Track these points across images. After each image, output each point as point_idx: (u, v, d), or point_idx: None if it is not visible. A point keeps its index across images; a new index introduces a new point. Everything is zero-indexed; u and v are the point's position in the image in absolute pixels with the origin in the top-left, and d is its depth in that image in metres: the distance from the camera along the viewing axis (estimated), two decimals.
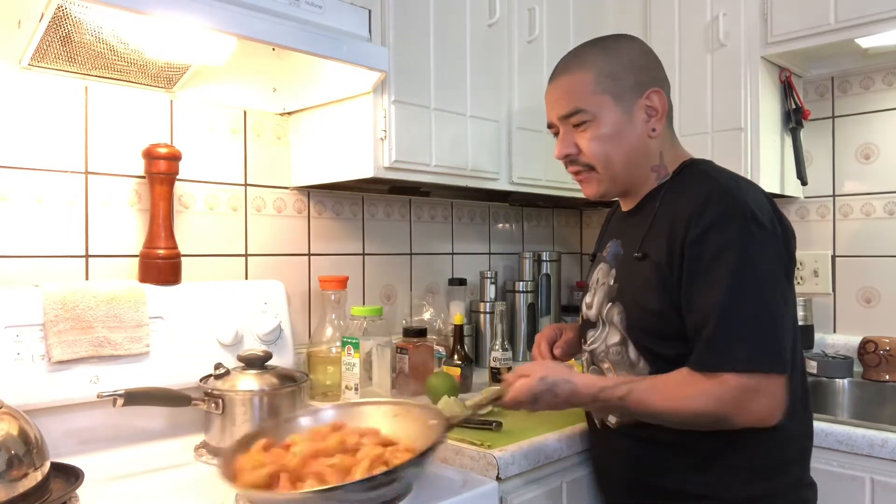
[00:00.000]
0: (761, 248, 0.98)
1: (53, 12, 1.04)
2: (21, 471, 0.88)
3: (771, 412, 0.96)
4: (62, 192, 1.31)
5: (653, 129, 1.11)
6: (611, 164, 1.11)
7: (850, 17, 1.68)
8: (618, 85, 1.09)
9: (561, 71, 1.16)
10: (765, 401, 0.95)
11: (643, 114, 1.10)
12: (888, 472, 1.31)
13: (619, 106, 1.09)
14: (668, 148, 1.15)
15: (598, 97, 1.09)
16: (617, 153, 1.10)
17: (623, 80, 1.10)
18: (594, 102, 1.09)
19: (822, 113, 2.07)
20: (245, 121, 1.58)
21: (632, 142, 1.10)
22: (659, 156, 1.13)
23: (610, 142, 1.10)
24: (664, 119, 1.12)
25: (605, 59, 1.11)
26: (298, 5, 1.20)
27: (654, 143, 1.12)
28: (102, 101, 1.36)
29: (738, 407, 0.95)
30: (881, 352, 1.81)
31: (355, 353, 1.46)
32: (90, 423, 1.22)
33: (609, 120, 1.09)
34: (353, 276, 1.75)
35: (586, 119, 1.10)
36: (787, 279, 1.03)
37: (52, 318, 1.16)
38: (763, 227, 0.99)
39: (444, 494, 1.01)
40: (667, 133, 1.15)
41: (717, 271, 0.98)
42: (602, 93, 1.09)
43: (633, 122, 1.10)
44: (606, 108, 1.09)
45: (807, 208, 2.10)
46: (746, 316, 0.96)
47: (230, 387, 1.20)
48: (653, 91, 1.10)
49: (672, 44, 1.99)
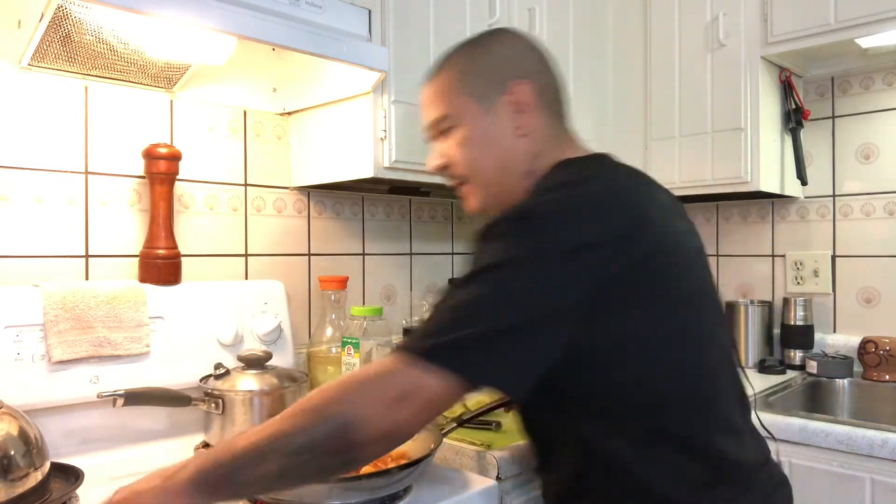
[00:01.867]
0: (519, 249, 0.76)
1: (53, 12, 1.04)
2: (21, 471, 0.88)
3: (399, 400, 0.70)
4: (62, 192, 1.31)
5: (519, 127, 0.94)
6: (479, 172, 0.98)
7: (850, 17, 1.68)
8: (479, 83, 0.96)
9: (426, 76, 1.05)
10: (396, 385, 0.71)
11: (509, 111, 0.95)
12: (888, 472, 1.31)
13: (482, 105, 0.96)
14: (551, 147, 0.96)
15: (460, 99, 0.97)
16: (484, 158, 0.96)
17: (485, 77, 0.96)
18: (456, 105, 0.98)
19: (822, 113, 2.07)
20: (245, 121, 1.58)
21: (499, 144, 0.95)
22: (533, 158, 0.95)
23: (475, 146, 0.96)
24: (536, 113, 0.95)
25: (467, 58, 0.99)
26: (298, 5, 1.20)
27: (525, 143, 0.95)
28: (102, 101, 1.35)
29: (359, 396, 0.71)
30: (881, 352, 1.81)
31: (355, 353, 1.46)
32: (90, 423, 1.22)
33: (472, 122, 0.96)
34: (353, 276, 1.75)
35: (451, 125, 0.98)
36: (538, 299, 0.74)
37: (52, 318, 1.16)
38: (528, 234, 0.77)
39: (444, 494, 1.01)
40: (548, 132, 0.97)
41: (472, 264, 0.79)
42: (464, 94, 0.97)
43: (499, 122, 0.95)
44: (469, 110, 0.96)
45: (807, 208, 2.10)
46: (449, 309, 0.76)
47: (230, 387, 1.20)
48: (516, 84, 0.94)
49: (672, 44, 1.99)
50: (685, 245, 0.90)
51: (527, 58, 0.99)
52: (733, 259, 2.24)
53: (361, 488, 0.90)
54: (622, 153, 1.89)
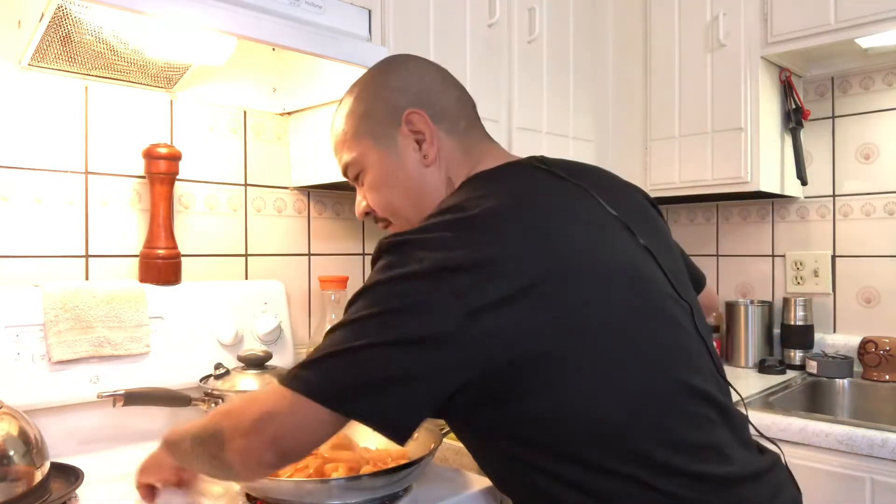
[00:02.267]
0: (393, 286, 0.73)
1: (53, 12, 1.04)
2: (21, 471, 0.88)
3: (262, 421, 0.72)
4: (62, 192, 1.31)
5: (425, 157, 0.91)
6: (397, 212, 0.94)
7: (850, 17, 1.68)
8: (372, 122, 0.93)
9: (330, 128, 1.01)
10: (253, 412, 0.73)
11: (411, 142, 0.91)
12: (888, 472, 1.31)
13: (381, 145, 0.92)
14: (463, 165, 0.92)
15: (359, 143, 0.94)
16: (395, 197, 0.93)
17: (376, 114, 0.93)
18: (357, 151, 0.94)
19: (822, 113, 2.07)
20: (245, 121, 1.58)
21: (407, 180, 0.91)
22: (447, 183, 0.92)
23: (385, 188, 0.93)
24: (438, 137, 0.91)
25: (356, 100, 0.95)
26: (298, 5, 1.20)
27: (433, 171, 0.91)
28: (102, 101, 1.35)
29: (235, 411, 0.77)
30: (881, 352, 1.81)
31: None
32: (90, 423, 1.22)
33: (377, 164, 0.93)
34: (353, 276, 1.75)
35: (358, 170, 0.96)
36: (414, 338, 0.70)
37: (52, 318, 1.16)
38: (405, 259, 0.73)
39: (444, 494, 1.01)
40: (454, 152, 0.93)
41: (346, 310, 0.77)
42: (362, 137, 0.94)
43: (402, 157, 0.91)
44: (370, 152, 0.93)
45: (807, 208, 2.10)
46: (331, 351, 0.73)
47: (230, 387, 1.20)
48: (410, 113, 0.90)
49: (672, 44, 1.99)
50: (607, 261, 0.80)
51: (415, 84, 0.94)
52: (733, 259, 2.25)
53: (361, 487, 0.90)
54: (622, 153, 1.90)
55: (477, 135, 0.97)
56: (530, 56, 1.78)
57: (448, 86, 0.97)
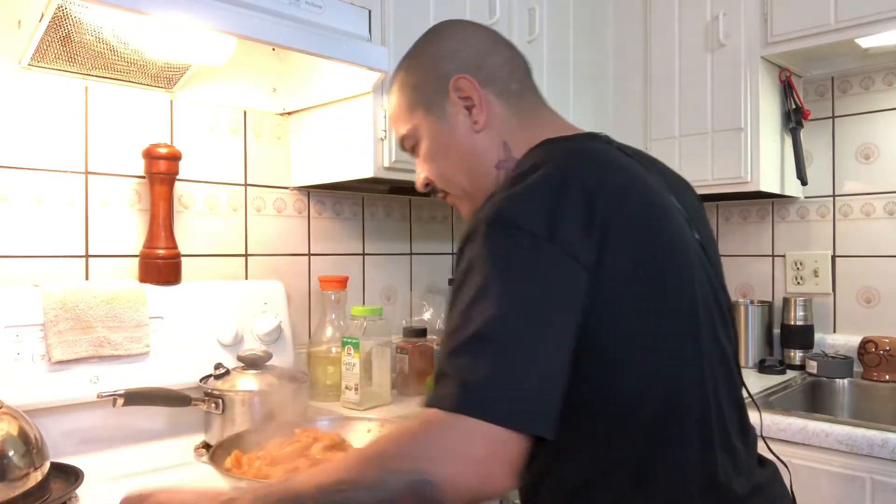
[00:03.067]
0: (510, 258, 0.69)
1: (53, 12, 1.04)
2: (21, 471, 0.88)
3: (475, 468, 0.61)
4: (62, 192, 1.31)
5: (475, 122, 0.89)
6: (451, 181, 0.94)
7: (850, 17, 1.68)
8: (423, 92, 0.92)
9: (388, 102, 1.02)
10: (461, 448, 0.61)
11: (460, 109, 0.89)
12: (888, 472, 1.31)
13: (433, 114, 0.91)
14: (516, 132, 0.90)
15: (411, 115, 0.94)
16: (449, 166, 0.92)
17: (426, 84, 0.92)
18: (411, 123, 0.94)
19: (822, 113, 2.07)
20: (245, 121, 1.58)
21: (460, 147, 0.90)
22: (502, 147, 0.89)
23: (438, 157, 0.93)
24: (489, 102, 0.89)
25: (407, 71, 0.95)
26: (298, 5, 1.20)
27: (485, 136, 0.89)
28: (102, 101, 1.35)
29: (429, 446, 0.62)
30: (881, 352, 1.81)
31: (355, 353, 1.46)
32: (90, 423, 1.22)
33: (430, 134, 0.92)
34: (353, 276, 1.75)
35: (414, 142, 0.95)
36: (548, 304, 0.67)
37: (52, 318, 1.16)
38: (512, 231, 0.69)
39: None
40: (509, 115, 0.90)
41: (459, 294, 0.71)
42: (413, 109, 0.93)
43: (452, 125, 0.90)
44: (423, 122, 0.92)
45: (807, 208, 2.10)
46: (469, 344, 0.65)
47: (230, 387, 1.20)
48: (457, 79, 0.88)
49: (672, 44, 1.99)
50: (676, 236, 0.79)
51: (462, 48, 0.92)
52: (733, 259, 2.24)
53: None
54: None
55: (532, 100, 0.94)
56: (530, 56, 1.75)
57: (498, 46, 0.94)
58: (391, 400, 1.53)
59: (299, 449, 0.99)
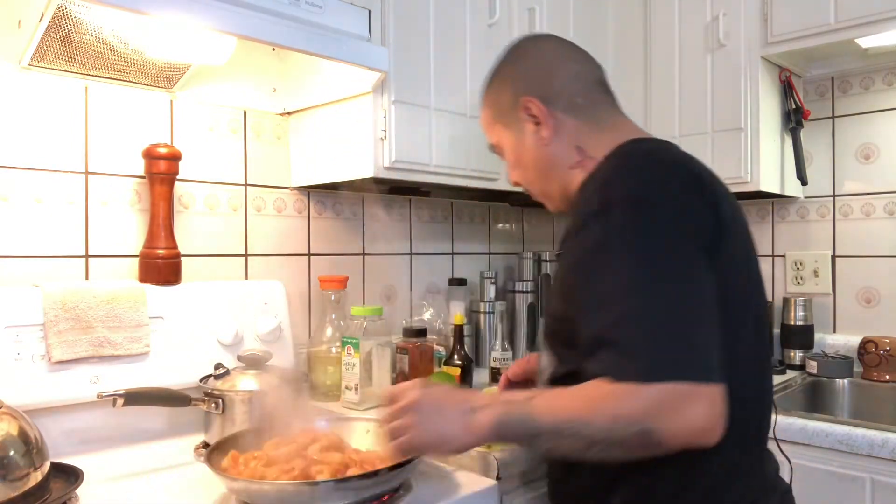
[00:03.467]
0: (654, 234, 0.80)
1: (53, 12, 1.04)
2: (21, 471, 0.88)
3: (709, 422, 0.75)
4: (62, 192, 1.31)
5: (542, 138, 1.01)
6: (532, 185, 1.08)
7: (850, 17, 1.68)
8: (501, 111, 1.07)
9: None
10: (701, 408, 0.75)
11: (530, 125, 1.02)
12: (888, 472, 1.31)
13: (509, 129, 1.06)
14: (591, 136, 1.00)
15: (495, 128, 1.09)
16: (528, 174, 1.07)
17: (503, 102, 1.06)
18: (496, 134, 1.10)
19: (822, 113, 2.07)
20: (245, 121, 1.58)
21: (533, 157, 1.04)
22: (576, 151, 1.00)
23: (517, 165, 1.08)
24: (557, 118, 1.00)
25: (489, 90, 1.10)
26: (298, 5, 1.20)
27: (556, 146, 1.01)
28: (102, 101, 1.36)
29: (666, 412, 0.75)
30: (881, 352, 1.81)
31: (355, 353, 1.45)
32: (90, 423, 1.22)
33: (510, 146, 1.07)
34: (353, 276, 1.75)
35: (499, 150, 1.11)
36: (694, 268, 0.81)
37: (52, 318, 1.16)
38: (651, 207, 0.82)
39: (444, 494, 1.01)
40: (581, 124, 1.01)
41: (601, 268, 0.82)
42: (497, 123, 1.08)
43: (525, 138, 1.03)
44: (503, 136, 1.08)
45: (807, 208, 2.10)
46: (657, 316, 0.77)
47: (230, 387, 1.20)
48: (525, 101, 1.01)
49: (672, 44, 1.99)
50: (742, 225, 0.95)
51: (530, 70, 1.04)
52: None
53: (347, 488, 0.90)
54: None
55: (604, 106, 1.05)
56: None
57: (565, 64, 1.04)
58: None
59: (296, 449, 0.99)
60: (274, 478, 0.91)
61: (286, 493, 0.89)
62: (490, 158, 1.67)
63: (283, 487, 0.89)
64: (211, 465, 0.93)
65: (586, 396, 0.80)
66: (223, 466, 0.97)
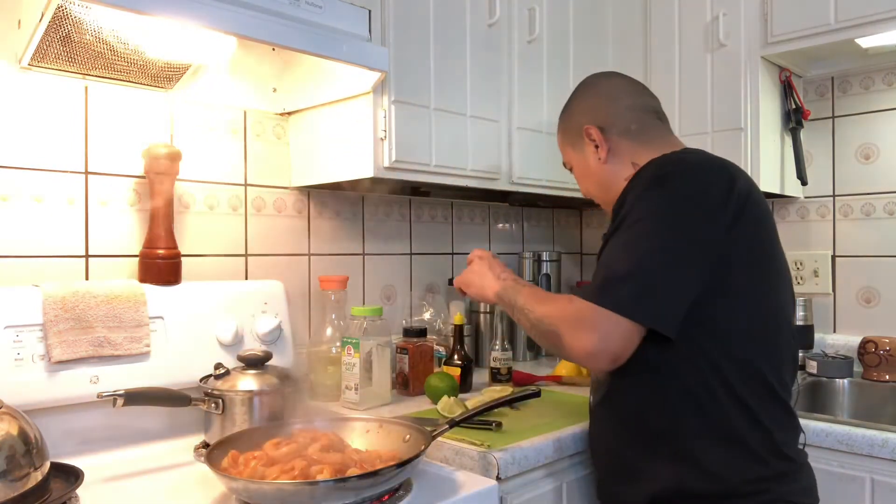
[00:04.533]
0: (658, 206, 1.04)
1: (53, 12, 1.04)
2: (21, 471, 0.88)
3: (596, 346, 0.99)
4: (62, 192, 1.31)
5: (600, 158, 1.25)
6: (596, 195, 1.33)
7: (850, 17, 1.68)
8: (570, 136, 1.32)
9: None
10: (590, 333, 1.00)
11: (591, 148, 1.26)
12: (888, 472, 1.31)
13: (576, 150, 1.31)
14: (643, 153, 1.21)
15: (565, 150, 1.36)
16: (592, 187, 1.32)
17: (571, 129, 1.31)
18: (566, 155, 1.36)
19: (822, 113, 2.07)
20: (245, 121, 1.58)
21: (595, 174, 1.28)
22: (630, 166, 1.22)
23: (584, 180, 1.33)
24: (612, 141, 1.24)
25: (563, 117, 1.36)
26: (298, 5, 1.20)
27: (614, 164, 1.25)
28: (102, 101, 1.36)
29: (569, 325, 1.03)
30: (881, 352, 1.81)
31: (355, 353, 1.45)
32: (90, 423, 1.22)
33: (577, 164, 1.33)
34: (353, 276, 1.75)
35: (570, 167, 1.37)
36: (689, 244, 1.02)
37: (52, 318, 1.16)
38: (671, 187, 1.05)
39: (444, 494, 1.01)
40: (635, 145, 1.24)
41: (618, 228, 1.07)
42: (566, 145, 1.34)
43: (588, 159, 1.28)
44: (572, 156, 1.33)
45: (807, 208, 2.10)
46: (617, 261, 1.03)
47: (230, 387, 1.20)
48: (586, 129, 1.26)
49: (672, 44, 1.99)
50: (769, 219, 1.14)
51: (593, 103, 1.29)
52: None
53: (347, 488, 0.90)
54: None
55: (657, 130, 1.26)
56: (530, 56, 1.78)
57: (622, 97, 1.28)
58: (391, 400, 1.53)
59: (296, 449, 0.99)
60: (274, 478, 0.91)
61: (286, 492, 0.89)
62: (490, 158, 1.68)
63: (282, 487, 0.89)
64: (211, 465, 0.93)
65: (551, 297, 1.16)
66: (223, 466, 0.97)
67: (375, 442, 1.11)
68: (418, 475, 1.08)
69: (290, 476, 0.91)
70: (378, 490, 0.94)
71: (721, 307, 1.04)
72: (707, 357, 1.04)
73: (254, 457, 0.98)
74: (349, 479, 0.90)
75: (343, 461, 0.97)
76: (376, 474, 0.91)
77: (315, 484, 0.89)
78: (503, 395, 1.35)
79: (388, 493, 0.97)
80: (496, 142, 1.70)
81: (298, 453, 0.98)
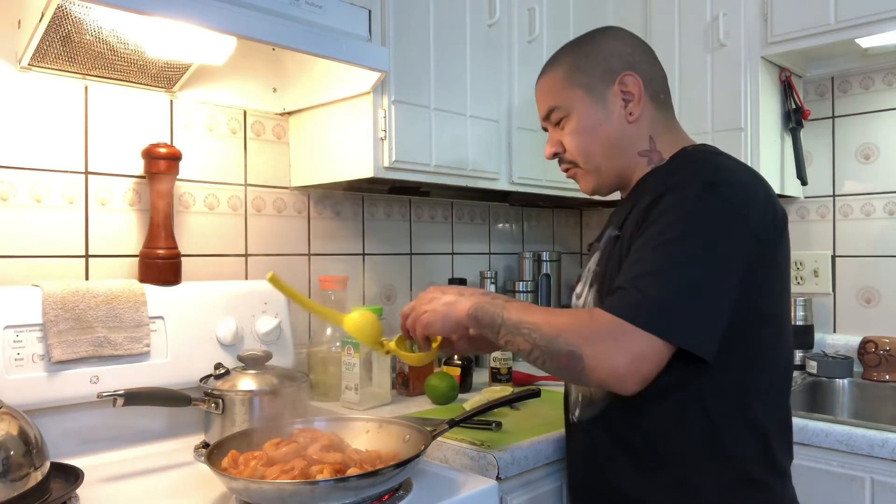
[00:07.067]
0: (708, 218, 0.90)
1: (53, 12, 1.04)
2: (21, 471, 0.88)
3: (627, 368, 0.85)
4: (62, 192, 1.31)
5: (630, 114, 1.06)
6: (591, 157, 1.09)
7: (850, 17, 1.68)
8: (588, 76, 1.07)
9: (540, 73, 1.17)
10: (622, 353, 0.84)
11: (619, 100, 1.06)
12: (888, 472, 1.31)
13: (591, 96, 1.07)
14: (662, 132, 1.08)
15: (569, 92, 1.09)
16: (595, 144, 1.08)
17: (593, 70, 1.07)
18: (567, 98, 1.09)
19: (822, 113, 2.07)
20: (245, 121, 1.58)
21: (610, 130, 1.07)
22: (648, 140, 1.07)
23: (587, 134, 1.08)
24: (642, 102, 1.06)
25: (574, 54, 1.11)
26: (298, 5, 1.20)
27: (636, 127, 1.07)
28: (102, 101, 1.35)
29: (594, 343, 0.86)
30: (881, 352, 1.81)
31: (355, 354, 1.45)
32: (90, 423, 1.22)
33: (583, 112, 1.07)
34: (353, 276, 1.75)
35: (562, 115, 1.10)
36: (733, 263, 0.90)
37: (52, 318, 1.16)
38: (722, 199, 0.91)
39: (444, 494, 1.01)
40: (658, 117, 1.08)
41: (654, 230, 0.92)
42: (573, 87, 1.08)
43: (609, 110, 1.06)
44: (579, 101, 1.08)
45: (807, 208, 2.10)
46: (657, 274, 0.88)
47: (230, 387, 1.20)
48: (626, 75, 1.06)
49: (672, 44, 1.99)
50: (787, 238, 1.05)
51: (634, 52, 1.09)
52: None
53: (347, 488, 0.90)
54: None
55: (670, 111, 1.12)
56: (530, 56, 1.78)
57: (657, 61, 1.12)
58: (391, 400, 1.53)
59: (296, 449, 0.99)
60: (274, 478, 0.91)
61: (286, 492, 0.89)
62: (490, 158, 1.67)
63: (282, 487, 0.89)
64: (211, 465, 0.93)
65: (555, 312, 0.94)
66: (223, 466, 0.97)
67: (375, 442, 1.11)
68: (418, 475, 1.08)
69: (290, 476, 0.91)
70: (378, 490, 0.94)
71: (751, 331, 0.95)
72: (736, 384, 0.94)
73: (254, 457, 0.98)
74: (349, 478, 0.90)
75: (343, 461, 0.97)
76: (376, 474, 0.91)
77: (315, 484, 0.89)
78: (503, 394, 1.35)
79: (388, 493, 0.98)
80: (496, 142, 1.70)
81: (298, 453, 0.98)
